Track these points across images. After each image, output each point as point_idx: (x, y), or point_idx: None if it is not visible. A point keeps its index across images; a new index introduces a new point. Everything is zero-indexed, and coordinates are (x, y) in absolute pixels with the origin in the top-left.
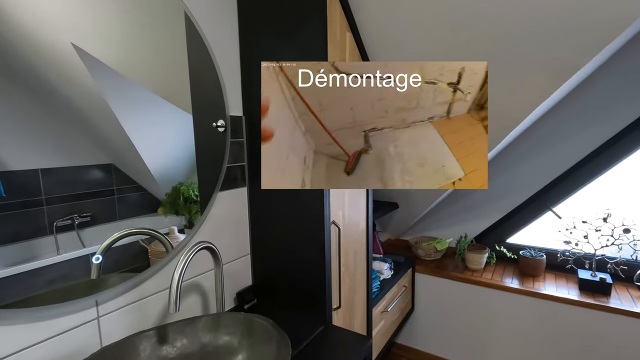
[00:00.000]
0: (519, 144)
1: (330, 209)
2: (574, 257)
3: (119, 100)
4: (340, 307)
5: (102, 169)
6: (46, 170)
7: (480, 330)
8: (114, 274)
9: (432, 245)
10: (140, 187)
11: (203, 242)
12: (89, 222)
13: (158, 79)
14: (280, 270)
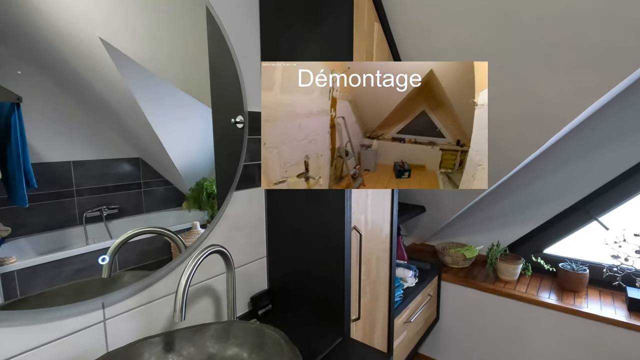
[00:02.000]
0: (561, 145)
1: (352, 214)
2: (623, 273)
3: (146, 95)
4: (360, 318)
5: (130, 163)
6: (77, 163)
7: (510, 347)
8: (128, 272)
9: (461, 252)
10: (167, 182)
11: (214, 245)
12: (116, 214)
13: (181, 73)
14: (297, 276)
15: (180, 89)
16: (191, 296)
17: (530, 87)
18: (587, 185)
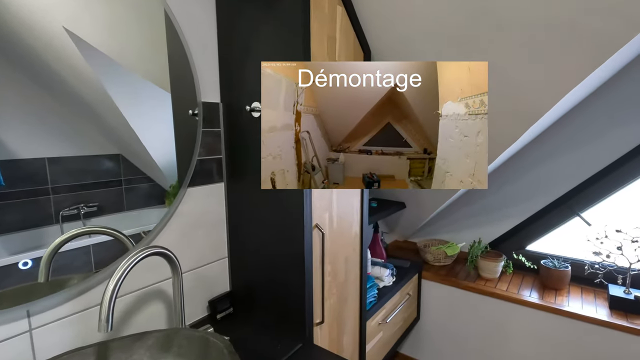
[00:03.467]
0: (543, 141)
1: (313, 211)
2: (605, 270)
3: (117, 87)
4: (324, 322)
5: (110, 159)
6: (53, 159)
7: (491, 346)
8: (77, 276)
9: (442, 249)
10: (149, 178)
11: (153, 247)
12: (95, 212)
13: (143, 64)
14: (260, 277)
15: (152, 81)
16: (140, 301)
17: (506, 74)
18: (569, 180)
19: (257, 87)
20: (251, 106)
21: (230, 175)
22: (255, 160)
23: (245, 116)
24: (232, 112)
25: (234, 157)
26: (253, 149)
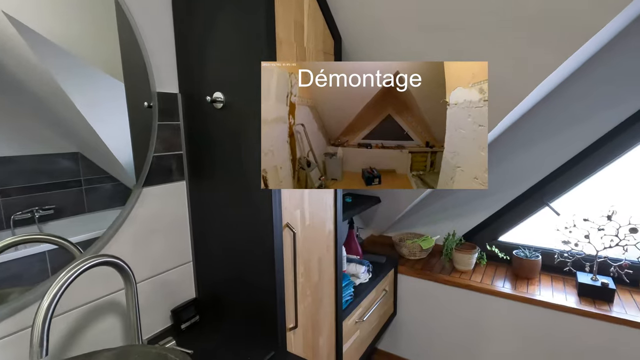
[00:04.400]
0: (514, 132)
1: (283, 210)
2: (573, 258)
3: (70, 79)
4: (297, 326)
5: (67, 158)
6: (1, 159)
7: (468, 338)
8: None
9: (417, 243)
10: (112, 177)
11: (100, 256)
12: (52, 215)
13: (94, 51)
14: (229, 282)
15: (105, 72)
16: (91, 315)
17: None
18: (538, 171)
19: (218, 76)
20: (212, 97)
21: (192, 172)
22: (220, 156)
23: (207, 108)
24: (192, 104)
25: (196, 153)
26: (217, 143)
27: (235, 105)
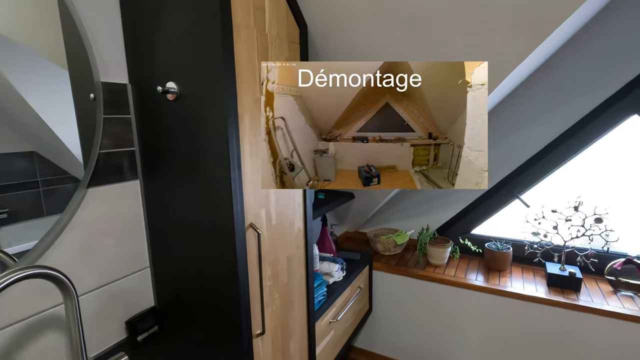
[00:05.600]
0: None
1: (247, 209)
2: (543, 249)
3: (16, 70)
4: (265, 332)
5: (21, 158)
6: None
7: (443, 332)
8: None
9: (392, 239)
10: (73, 177)
11: (30, 267)
12: (6, 220)
13: (35, 38)
14: (190, 287)
15: (41, 57)
16: (27, 333)
17: (447, 54)
18: (510, 163)
19: (171, 63)
20: (164, 87)
21: (146, 170)
22: (176, 152)
23: (160, 100)
24: (144, 95)
25: (150, 149)
26: (172, 138)
27: (191, 96)
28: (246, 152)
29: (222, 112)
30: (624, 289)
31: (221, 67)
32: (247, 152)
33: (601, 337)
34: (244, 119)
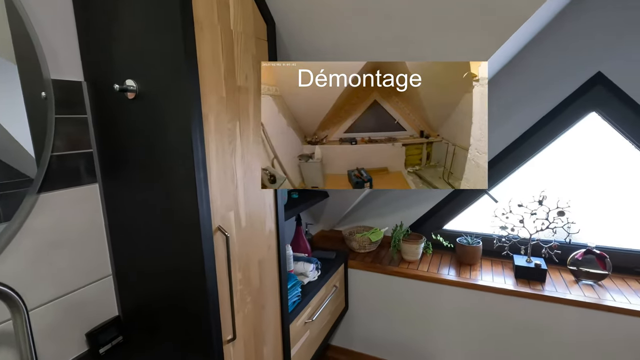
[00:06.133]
0: None
1: (214, 211)
2: (510, 242)
3: None
4: (236, 337)
5: None
6: None
7: (418, 326)
8: None
9: (367, 236)
10: (32, 180)
11: None
12: None
13: None
14: (156, 294)
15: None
16: None
17: (417, 51)
18: None
19: (129, 60)
20: (123, 85)
21: (106, 173)
22: (137, 153)
23: (119, 98)
24: (101, 94)
25: (109, 150)
26: (133, 139)
27: (151, 94)
28: (212, 153)
29: (184, 112)
30: (584, 278)
31: (182, 64)
32: (213, 153)
33: (565, 324)
34: (209, 119)
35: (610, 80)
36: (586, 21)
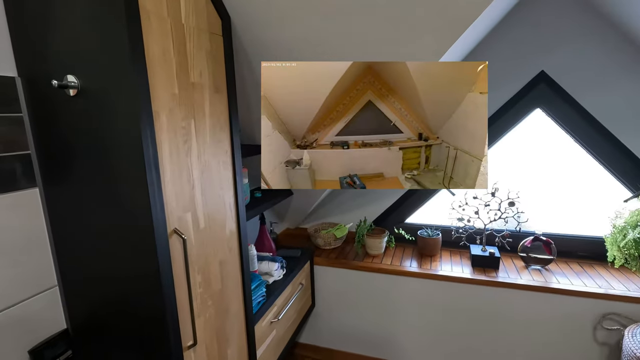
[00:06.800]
0: None
1: (169, 213)
2: (467, 233)
3: None
4: (197, 343)
5: None
6: None
7: (384, 318)
8: None
9: (332, 232)
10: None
11: None
12: None
13: None
14: (109, 303)
15: None
16: None
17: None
18: None
19: (69, 54)
20: (62, 81)
21: (47, 177)
22: (81, 154)
23: (59, 95)
24: (40, 90)
25: (49, 152)
26: (77, 138)
27: (95, 91)
28: (165, 152)
29: (133, 109)
30: (533, 264)
31: (128, 58)
32: (167, 152)
33: (518, 307)
34: (161, 117)
35: (552, 79)
36: (531, 22)
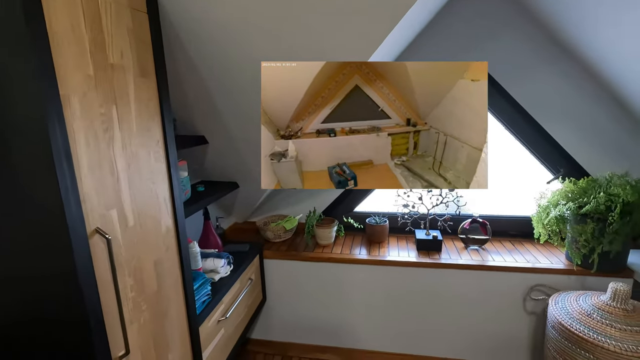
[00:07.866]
0: None
1: (89, 210)
2: (412, 219)
3: None
4: (130, 352)
5: None
6: None
7: (336, 306)
8: None
9: (281, 225)
10: None
11: None
12: None
13: None
14: (22, 319)
15: None
16: None
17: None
18: None
19: None
20: None
21: None
22: None
23: None
24: None
25: None
26: None
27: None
28: (80, 141)
29: (35, 92)
30: (472, 244)
31: (24, 35)
32: (82, 141)
33: (459, 285)
34: (72, 101)
35: (490, 75)
36: (471, 14)
